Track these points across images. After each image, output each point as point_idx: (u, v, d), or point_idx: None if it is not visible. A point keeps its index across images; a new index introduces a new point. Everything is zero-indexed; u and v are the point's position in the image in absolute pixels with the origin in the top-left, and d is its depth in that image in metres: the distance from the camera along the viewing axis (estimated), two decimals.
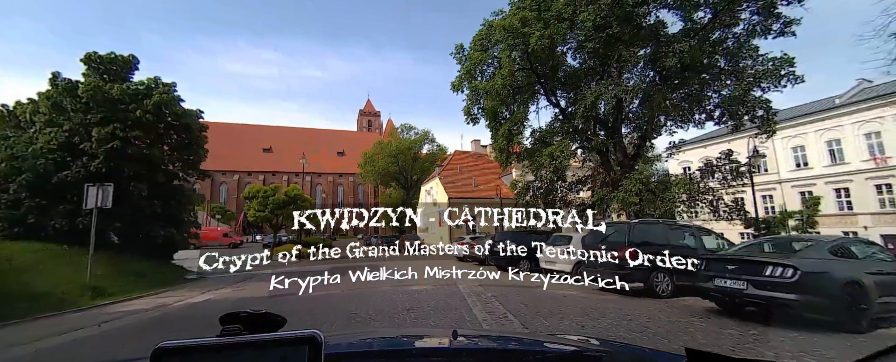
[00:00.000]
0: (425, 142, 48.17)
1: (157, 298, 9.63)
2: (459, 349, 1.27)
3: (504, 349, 1.35)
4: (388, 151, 44.80)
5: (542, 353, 1.23)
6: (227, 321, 0.69)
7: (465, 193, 29.25)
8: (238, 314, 0.70)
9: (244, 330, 0.66)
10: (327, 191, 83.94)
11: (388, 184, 49.87)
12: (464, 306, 7.02)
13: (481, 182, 31.29)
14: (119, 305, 8.69)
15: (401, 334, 1.69)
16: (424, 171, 44.09)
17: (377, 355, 1.22)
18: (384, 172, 44.81)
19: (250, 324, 0.68)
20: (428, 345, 1.37)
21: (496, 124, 16.57)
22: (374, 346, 1.36)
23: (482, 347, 1.38)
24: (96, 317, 7.15)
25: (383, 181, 48.43)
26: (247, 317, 0.70)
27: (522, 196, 17.63)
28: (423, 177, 43.37)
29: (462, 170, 32.41)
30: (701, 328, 5.25)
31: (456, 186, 29.82)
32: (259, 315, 0.71)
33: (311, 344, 0.56)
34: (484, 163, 34.65)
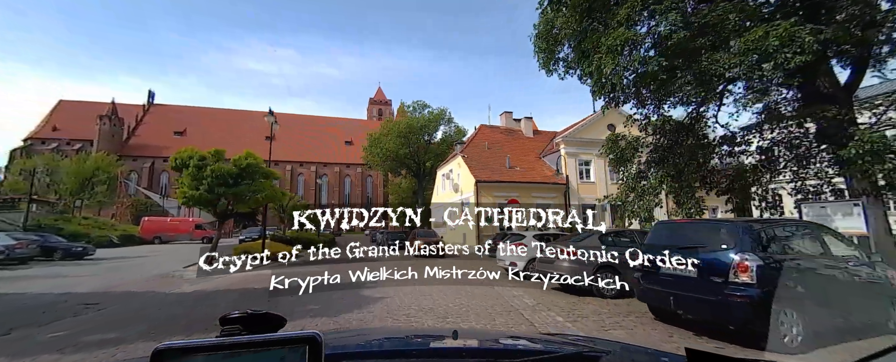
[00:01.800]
0: (441, 123, 40.71)
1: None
2: (459, 349, 1.26)
3: (504, 349, 1.34)
4: (397, 131, 37.61)
5: (542, 353, 1.21)
6: (226, 321, 0.69)
7: (496, 175, 21.87)
8: (238, 314, 0.70)
9: (244, 330, 0.67)
10: (333, 182, 77.74)
11: (398, 171, 42.74)
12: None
13: (518, 162, 23.80)
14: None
15: (401, 334, 1.69)
16: (440, 156, 36.80)
17: (377, 355, 1.20)
18: (393, 156, 37.61)
19: (250, 324, 0.69)
20: (428, 345, 1.36)
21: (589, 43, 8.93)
22: (374, 346, 1.33)
23: (482, 347, 1.36)
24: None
25: (392, 168, 41.31)
26: (246, 317, 0.70)
27: (626, 162, 10.26)
28: (437, 163, 36.17)
29: (491, 148, 25.01)
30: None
31: (484, 166, 22.46)
32: (259, 315, 0.71)
33: (311, 344, 0.56)
34: (519, 140, 27.14)
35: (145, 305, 7.62)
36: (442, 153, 37.81)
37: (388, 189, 55.18)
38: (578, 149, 23.15)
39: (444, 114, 40.59)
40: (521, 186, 21.72)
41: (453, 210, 21.97)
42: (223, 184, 12.97)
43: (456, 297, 7.58)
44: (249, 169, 13.53)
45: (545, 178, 22.62)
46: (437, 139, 40.62)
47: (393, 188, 51.24)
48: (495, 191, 21.26)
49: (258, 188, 13.61)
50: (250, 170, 13.64)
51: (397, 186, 50.17)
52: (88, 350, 4.65)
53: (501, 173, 22.23)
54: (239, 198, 13.65)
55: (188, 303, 7.76)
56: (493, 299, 7.46)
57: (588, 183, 22.90)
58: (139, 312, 6.96)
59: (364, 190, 79.66)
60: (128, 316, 6.68)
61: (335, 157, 79.09)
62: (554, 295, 7.68)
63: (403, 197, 47.91)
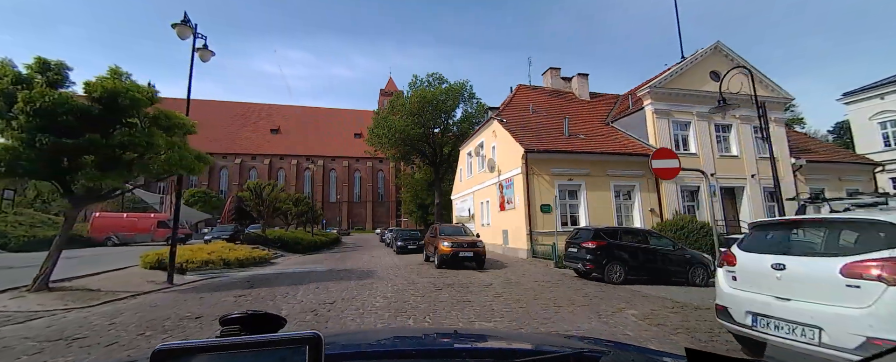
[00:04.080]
0: (460, 100, 33.68)
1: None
2: (459, 349, 1.23)
3: (504, 348, 1.31)
4: (408, 108, 30.86)
5: (542, 353, 1.17)
6: (226, 321, 0.68)
7: (554, 143, 14.83)
8: (238, 314, 0.70)
9: (244, 330, 0.66)
10: (342, 177, 71.76)
11: (409, 158, 35.93)
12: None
13: (580, 128, 16.72)
14: None
15: (401, 334, 1.65)
16: (462, 137, 29.92)
17: (377, 355, 1.16)
18: (402, 137, 30.83)
19: (250, 325, 0.68)
20: (428, 345, 1.33)
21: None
22: (374, 346, 1.28)
23: (482, 347, 1.33)
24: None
25: (403, 154, 34.52)
26: (246, 318, 0.69)
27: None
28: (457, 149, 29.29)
29: (537, 112, 17.97)
30: None
31: (533, 133, 15.47)
32: (259, 315, 0.71)
33: (311, 344, 0.55)
34: (573, 104, 20.01)
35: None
36: (464, 132, 30.91)
37: (400, 180, 48.40)
38: (671, 104, 15.88)
39: (463, 88, 33.58)
40: (593, 160, 14.62)
41: (485, 202, 13.74)
42: (65, 130, 6.45)
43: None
44: (119, 103, 6.92)
45: (625, 148, 15.43)
46: (457, 118, 33.70)
47: (405, 179, 44.45)
48: (553, 167, 14.24)
49: (140, 140, 7.01)
50: (122, 106, 7.04)
51: (410, 177, 43.43)
52: None
53: (559, 142, 15.16)
54: (109, 159, 7.09)
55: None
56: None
57: (686, 155, 15.67)
58: None
59: (375, 184, 73.41)
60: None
61: (343, 151, 73.24)
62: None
63: (417, 190, 41.15)
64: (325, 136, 74.43)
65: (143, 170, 7.78)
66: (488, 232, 17.40)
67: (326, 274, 10.31)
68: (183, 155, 7.81)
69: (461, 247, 10.95)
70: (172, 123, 7.83)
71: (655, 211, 14.92)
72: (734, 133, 16.57)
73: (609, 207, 14.52)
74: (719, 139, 16.48)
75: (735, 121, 16.54)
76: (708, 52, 16.79)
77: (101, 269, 10.29)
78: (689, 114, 15.94)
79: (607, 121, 18.30)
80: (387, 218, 70.37)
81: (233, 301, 6.77)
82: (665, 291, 7.74)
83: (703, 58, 16.67)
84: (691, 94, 16.00)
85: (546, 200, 13.86)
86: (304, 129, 75.01)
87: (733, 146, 16.60)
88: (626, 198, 15.15)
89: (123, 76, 7.42)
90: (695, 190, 15.69)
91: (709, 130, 16.06)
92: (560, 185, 14.20)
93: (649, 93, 15.65)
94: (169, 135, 7.87)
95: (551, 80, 21.35)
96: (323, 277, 9.53)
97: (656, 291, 7.72)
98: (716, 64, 16.75)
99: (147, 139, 7.17)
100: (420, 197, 40.64)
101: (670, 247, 9.31)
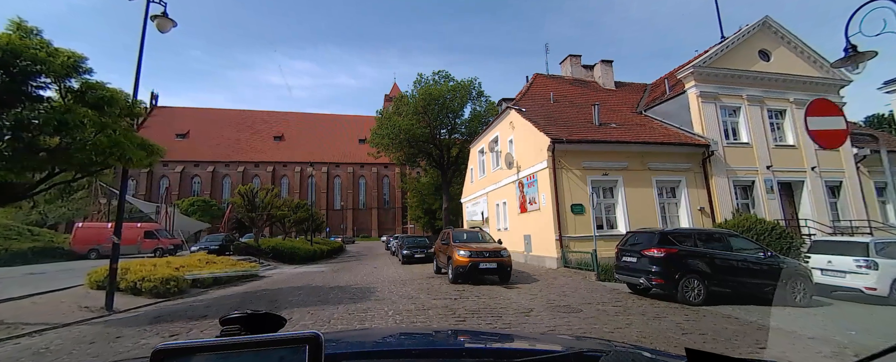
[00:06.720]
0: (469, 99, 31.70)
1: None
2: (459, 348, 1.23)
3: (504, 348, 1.30)
4: (413, 107, 28.97)
5: (542, 353, 1.15)
6: (226, 321, 0.68)
7: (585, 133, 12.72)
8: (238, 314, 0.69)
9: (244, 330, 0.66)
10: (346, 183, 69.98)
11: (414, 160, 33.94)
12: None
13: (611, 116, 14.60)
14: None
15: (401, 333, 1.62)
16: (470, 138, 27.88)
17: (377, 355, 1.14)
18: (407, 137, 28.88)
19: (250, 325, 0.68)
20: (428, 345, 1.31)
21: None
22: (374, 346, 1.27)
23: (482, 347, 1.31)
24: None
25: (408, 156, 32.55)
26: (246, 318, 0.69)
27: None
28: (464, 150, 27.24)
29: (558, 101, 15.89)
30: None
31: (558, 122, 13.37)
32: (259, 315, 0.70)
33: (311, 344, 0.54)
34: (597, 93, 17.89)
35: None
36: (472, 133, 28.88)
37: (405, 185, 46.35)
38: (718, 87, 13.69)
39: (472, 86, 31.61)
40: (631, 151, 12.47)
41: (499, 202, 11.28)
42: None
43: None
44: (23, 67, 5.01)
45: (667, 137, 13.26)
46: (466, 117, 31.70)
47: (410, 183, 42.43)
48: (584, 160, 12.12)
49: (49, 118, 5.07)
50: (27, 71, 5.11)
51: (416, 181, 41.42)
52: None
53: (589, 131, 13.05)
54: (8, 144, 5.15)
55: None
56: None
57: (737, 145, 13.44)
58: None
59: (380, 190, 71.38)
60: None
61: (348, 157, 71.54)
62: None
63: (424, 194, 39.06)
64: (329, 143, 73.05)
65: (63, 160, 5.81)
66: (506, 237, 15.23)
67: (313, 292, 8.25)
68: (116, 139, 5.84)
69: (481, 256, 8.83)
70: (101, 98, 5.85)
71: (705, 210, 12.68)
72: (789, 119, 14.32)
73: (651, 206, 12.31)
74: (773, 127, 14.24)
75: (789, 106, 14.31)
76: (755, 29, 14.62)
77: (40, 290, 8.34)
78: (739, 97, 13.74)
79: (639, 109, 16.15)
80: (392, 224, 68.30)
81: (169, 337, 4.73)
82: (777, 317, 5.55)
83: (750, 34, 14.50)
84: (741, 75, 13.83)
85: (578, 199, 11.70)
86: (307, 136, 73.67)
87: (789, 134, 14.33)
88: (671, 195, 12.94)
89: (33, 33, 5.50)
90: (749, 185, 13.43)
91: (762, 116, 13.83)
92: (593, 182, 12.04)
93: (693, 74, 13.48)
94: (99, 114, 5.92)
95: (571, 68, 19.28)
96: (306, 299, 7.47)
97: (760, 316, 5.53)
98: (764, 41, 14.58)
99: (59, 116, 5.21)
100: (427, 202, 38.50)
101: (759, 253, 7.12)
